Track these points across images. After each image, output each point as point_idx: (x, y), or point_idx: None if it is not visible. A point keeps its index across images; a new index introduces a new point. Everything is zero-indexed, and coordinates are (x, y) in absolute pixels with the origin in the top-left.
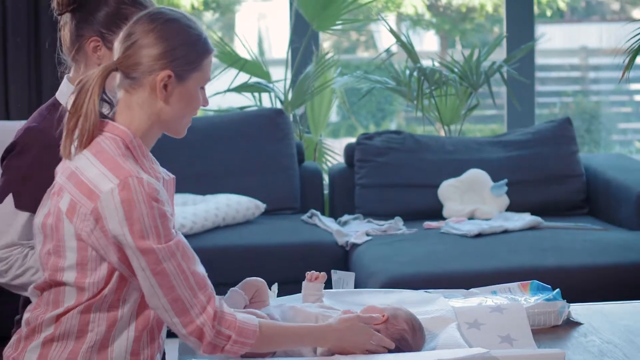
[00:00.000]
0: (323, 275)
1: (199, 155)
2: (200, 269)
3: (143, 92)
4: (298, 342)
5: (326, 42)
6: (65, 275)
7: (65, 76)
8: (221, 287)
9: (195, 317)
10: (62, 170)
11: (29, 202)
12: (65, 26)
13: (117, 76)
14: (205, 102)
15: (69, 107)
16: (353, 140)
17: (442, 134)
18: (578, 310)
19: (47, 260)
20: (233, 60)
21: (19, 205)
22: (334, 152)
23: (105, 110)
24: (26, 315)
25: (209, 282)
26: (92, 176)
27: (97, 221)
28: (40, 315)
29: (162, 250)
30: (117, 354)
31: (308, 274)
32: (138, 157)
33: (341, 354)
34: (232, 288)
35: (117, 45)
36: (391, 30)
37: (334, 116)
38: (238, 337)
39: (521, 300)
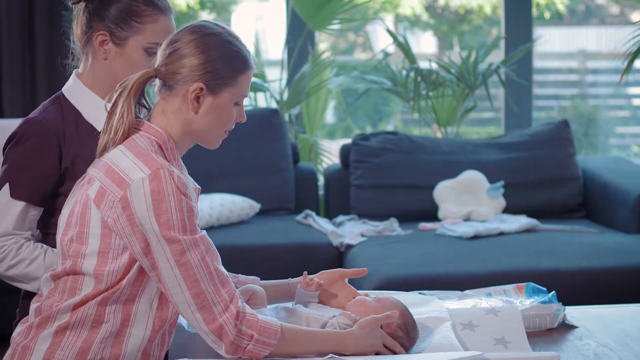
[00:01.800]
0: (318, 283)
1: (193, 155)
2: (223, 269)
3: (177, 100)
4: (318, 346)
5: (323, 43)
6: (86, 262)
7: (74, 70)
8: None
9: (218, 315)
10: (93, 163)
11: (24, 191)
12: (78, 17)
13: (157, 82)
14: (242, 118)
15: (108, 107)
16: (349, 141)
17: (439, 135)
18: (573, 313)
19: (69, 247)
20: None
21: (15, 194)
22: (330, 153)
23: (142, 114)
24: (36, 304)
25: (232, 281)
26: (124, 166)
27: (125, 209)
28: (55, 303)
29: (187, 241)
30: (131, 350)
31: (304, 279)
32: (169, 158)
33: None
34: None
35: (160, 52)
36: (388, 30)
37: (330, 118)
38: (260, 336)
39: (516, 302)
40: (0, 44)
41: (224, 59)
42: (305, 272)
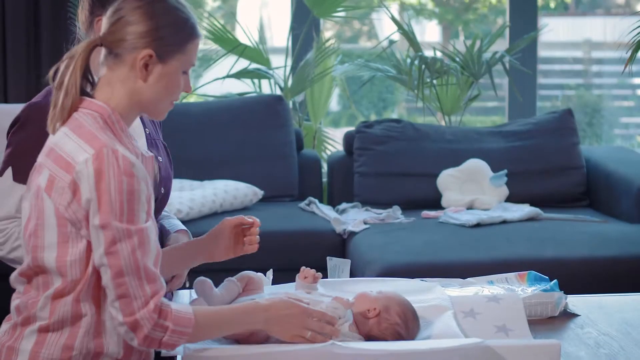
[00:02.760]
0: (317, 276)
1: (198, 141)
2: (152, 267)
3: (124, 69)
4: (230, 326)
5: (328, 31)
6: (46, 255)
7: None
8: (219, 274)
9: (136, 309)
10: (43, 149)
11: (27, 175)
12: (82, 2)
13: (102, 52)
14: (188, 88)
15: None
16: (353, 129)
17: (443, 124)
18: (575, 301)
19: (29, 241)
20: (233, 46)
21: (17, 178)
22: (334, 140)
23: (88, 89)
24: (15, 302)
25: (160, 278)
26: (69, 149)
27: (74, 193)
28: (32, 300)
29: (120, 230)
30: (116, 339)
31: (302, 272)
32: (116, 131)
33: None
34: (228, 277)
35: (104, 20)
36: (393, 18)
37: (335, 105)
38: (175, 326)
39: (518, 290)
40: (4, 28)
41: (173, 26)
42: (303, 267)
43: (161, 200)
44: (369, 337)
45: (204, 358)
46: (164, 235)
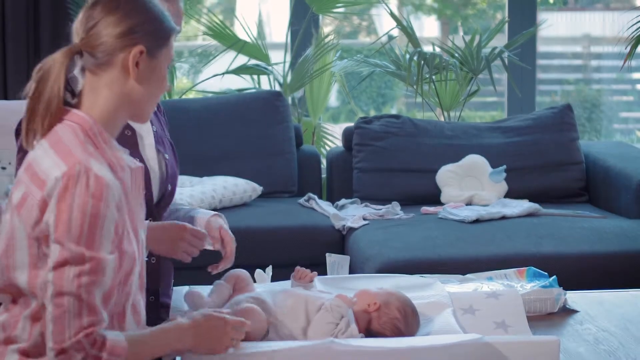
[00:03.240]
0: (312, 275)
1: (197, 137)
2: (98, 302)
3: (112, 71)
4: (161, 349)
5: (328, 26)
6: (18, 275)
7: None
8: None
9: (66, 338)
10: (23, 164)
11: None
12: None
13: (78, 61)
14: (168, 86)
15: (29, 94)
16: (352, 125)
17: (442, 119)
18: (574, 297)
19: (1, 260)
20: (232, 42)
21: None
22: (333, 136)
23: (68, 98)
24: (1, 318)
25: (102, 313)
26: (45, 166)
27: (43, 211)
28: (14, 318)
29: (74, 252)
30: None
31: (296, 272)
32: (99, 144)
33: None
34: (217, 281)
35: (78, 26)
36: (392, 14)
37: (334, 101)
38: (110, 356)
39: (517, 286)
40: (4, 24)
41: (156, 19)
42: (297, 267)
43: (167, 197)
44: (368, 332)
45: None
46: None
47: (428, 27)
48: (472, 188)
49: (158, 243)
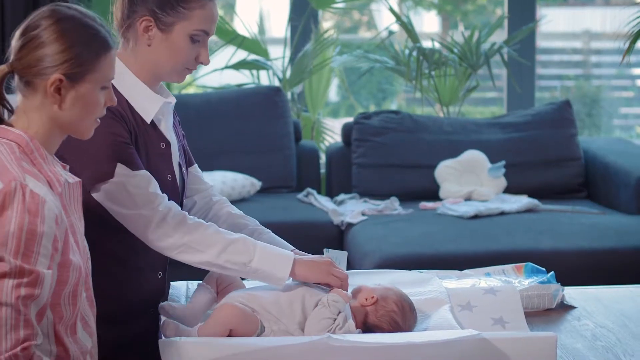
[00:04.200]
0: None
1: (195, 133)
2: (33, 316)
3: (37, 96)
4: None
5: (328, 21)
6: None
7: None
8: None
9: (3, 350)
10: None
11: (135, 159)
12: (118, 0)
13: (16, 79)
14: (112, 101)
15: None
16: (352, 120)
17: (441, 114)
18: (572, 293)
19: None
20: (231, 37)
21: (133, 167)
22: (333, 131)
23: (5, 115)
24: None
25: (37, 329)
26: None
27: None
28: None
29: (13, 265)
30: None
31: None
32: (35, 160)
33: None
34: (200, 282)
35: (13, 44)
36: (391, 9)
37: (333, 96)
38: None
39: (515, 282)
40: (3, 19)
41: (81, 44)
42: None
43: (182, 187)
44: (365, 327)
45: (201, 349)
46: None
47: (428, 23)
48: (471, 184)
49: (309, 269)
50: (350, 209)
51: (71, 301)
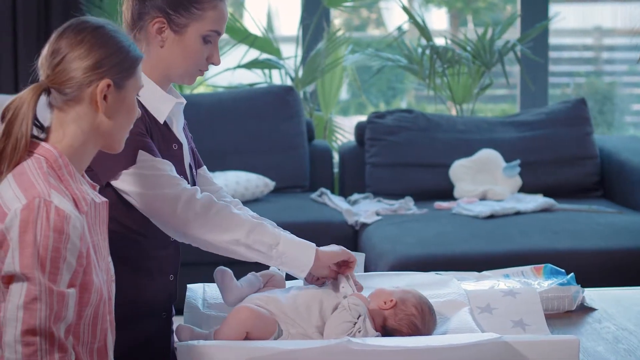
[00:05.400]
0: (323, 279)
1: (208, 132)
2: (63, 336)
3: (81, 106)
4: None
5: (336, 19)
6: None
7: None
8: (232, 266)
9: None
10: None
11: (153, 148)
12: (127, 1)
13: (45, 97)
14: (138, 112)
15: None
16: (363, 118)
17: (454, 112)
18: (592, 295)
19: None
20: (243, 37)
21: (155, 153)
22: (344, 129)
23: (36, 132)
24: None
25: (70, 349)
26: (7, 198)
27: (1, 244)
28: None
29: (43, 285)
30: None
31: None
32: (63, 176)
33: None
34: (252, 272)
35: (43, 62)
36: (404, 8)
37: (343, 94)
38: None
39: (534, 284)
40: (15, 19)
41: (121, 50)
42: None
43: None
44: (384, 330)
45: (219, 352)
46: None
47: (436, 20)
48: (485, 183)
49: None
50: (364, 209)
51: (91, 322)
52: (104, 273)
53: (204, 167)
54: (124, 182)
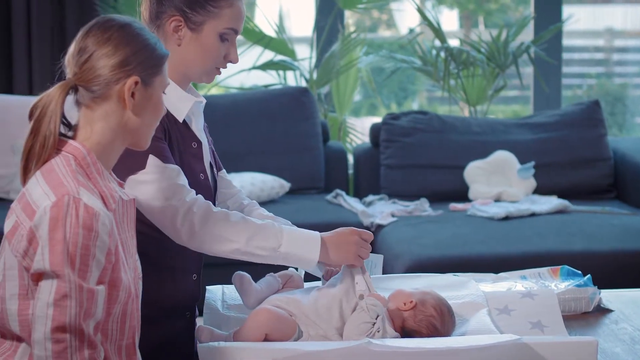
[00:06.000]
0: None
1: (224, 134)
2: (93, 333)
3: (108, 104)
4: None
5: (348, 19)
6: (8, 305)
7: None
8: (247, 268)
9: None
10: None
11: (167, 152)
12: (145, 0)
13: (72, 95)
14: (164, 111)
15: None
16: (374, 119)
17: (466, 113)
18: (608, 296)
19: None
20: (256, 37)
21: (166, 160)
22: (357, 131)
23: (63, 130)
24: None
25: (99, 345)
26: (36, 196)
27: (30, 242)
28: (6, 354)
29: (73, 282)
30: None
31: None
32: (91, 174)
33: None
34: (270, 273)
35: (70, 59)
36: (419, 10)
37: (355, 95)
38: None
39: (551, 285)
40: (29, 20)
41: (148, 48)
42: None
43: (214, 187)
44: (403, 331)
45: (240, 353)
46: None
47: (446, 20)
48: (500, 184)
49: (337, 250)
50: (380, 210)
51: (120, 319)
52: (132, 270)
53: (223, 170)
54: (130, 189)
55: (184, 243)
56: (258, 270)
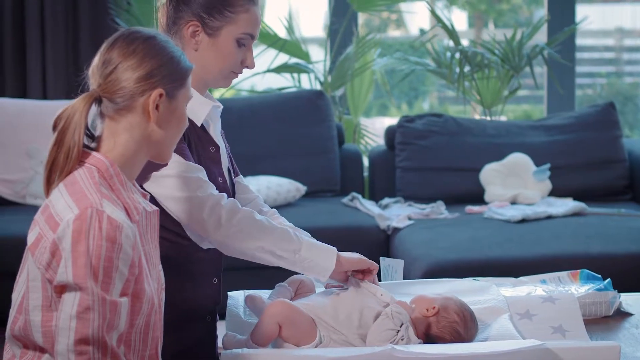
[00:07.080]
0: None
1: (239, 137)
2: (116, 345)
3: (132, 116)
4: None
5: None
6: (32, 316)
7: None
8: (264, 271)
9: None
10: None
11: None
12: (163, 7)
13: (95, 106)
14: (187, 121)
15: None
16: (386, 119)
17: (478, 114)
18: (628, 300)
19: (16, 301)
20: (271, 41)
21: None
22: (367, 130)
23: (87, 142)
24: None
25: (121, 357)
26: (59, 208)
27: (53, 254)
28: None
29: (96, 295)
30: None
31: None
32: (114, 185)
33: None
34: (279, 283)
35: (95, 71)
36: (432, 12)
37: None
38: None
39: (572, 289)
40: (43, 24)
41: (172, 61)
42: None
43: (232, 191)
44: (426, 337)
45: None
46: None
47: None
48: (516, 187)
49: (350, 259)
50: (396, 213)
51: (143, 331)
52: (155, 281)
53: (240, 175)
54: (154, 184)
55: (208, 234)
56: (267, 277)
